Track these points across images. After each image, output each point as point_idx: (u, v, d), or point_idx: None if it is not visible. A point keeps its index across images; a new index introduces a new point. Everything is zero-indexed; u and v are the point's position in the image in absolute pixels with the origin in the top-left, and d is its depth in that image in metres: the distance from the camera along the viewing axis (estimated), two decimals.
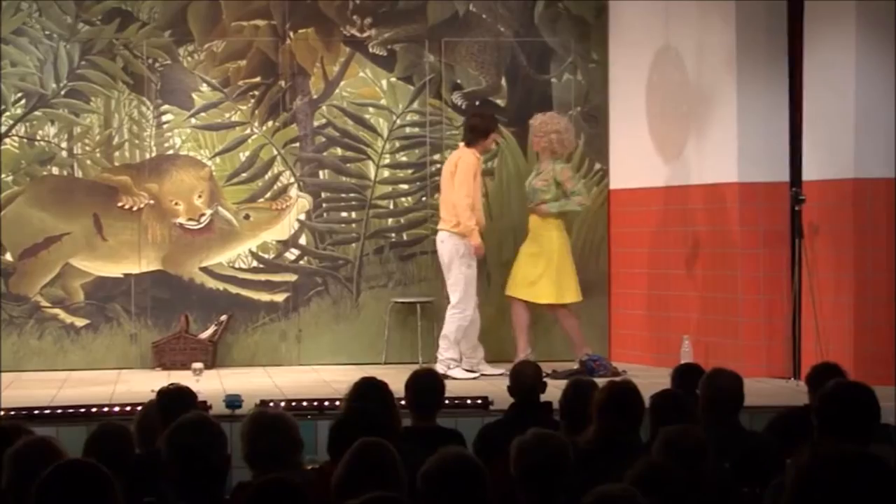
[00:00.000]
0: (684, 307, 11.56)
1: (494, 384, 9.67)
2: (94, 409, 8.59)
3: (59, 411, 8.60)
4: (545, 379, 7.17)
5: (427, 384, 6.63)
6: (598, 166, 12.49)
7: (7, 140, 11.96)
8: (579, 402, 6.06)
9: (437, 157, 12.33)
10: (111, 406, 8.72)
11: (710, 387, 6.33)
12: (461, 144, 11.28)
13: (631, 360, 11.74)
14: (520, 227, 12.28)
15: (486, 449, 6.06)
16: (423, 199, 12.37)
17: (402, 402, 6.48)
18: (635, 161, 12.15)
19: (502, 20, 12.45)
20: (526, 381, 6.98)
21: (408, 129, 12.41)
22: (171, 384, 6.56)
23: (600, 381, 6.31)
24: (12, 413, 8.37)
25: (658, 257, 11.90)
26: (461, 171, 10.98)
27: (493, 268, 12.26)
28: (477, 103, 12.38)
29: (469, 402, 8.71)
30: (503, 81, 12.47)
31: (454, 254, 11.03)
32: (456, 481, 4.18)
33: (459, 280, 11.01)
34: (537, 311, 11.37)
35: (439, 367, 10.47)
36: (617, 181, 12.43)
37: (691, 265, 11.54)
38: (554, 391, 6.80)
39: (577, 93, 12.47)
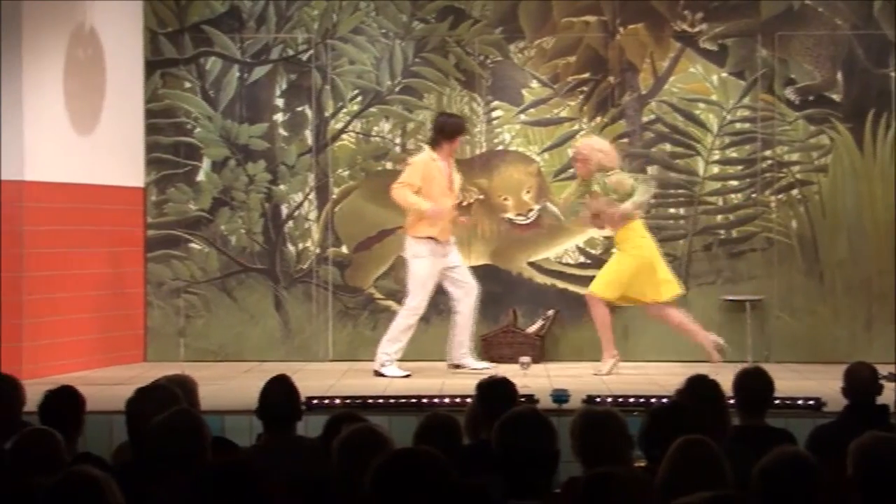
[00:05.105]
0: None
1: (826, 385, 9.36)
2: (424, 400, 8.76)
3: (392, 401, 8.81)
4: (881, 381, 6.97)
5: (756, 383, 6.52)
6: None
7: (344, 136, 12.34)
8: None
9: (768, 153, 12.11)
10: (441, 397, 8.86)
11: None
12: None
13: None
14: (854, 225, 11.95)
15: (819, 450, 5.90)
16: (754, 195, 12.16)
17: (731, 401, 6.39)
18: None
19: (839, 13, 12.12)
20: (861, 382, 6.79)
21: (738, 125, 12.22)
22: (491, 376, 6.63)
23: None
24: (347, 401, 8.64)
25: None
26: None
27: (825, 267, 11.99)
28: (811, 98, 12.13)
29: (801, 402, 8.55)
30: (839, 76, 12.14)
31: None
32: (794, 480, 4.12)
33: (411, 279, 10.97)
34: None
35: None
36: None
37: None
38: (891, 394, 6.60)
39: None
